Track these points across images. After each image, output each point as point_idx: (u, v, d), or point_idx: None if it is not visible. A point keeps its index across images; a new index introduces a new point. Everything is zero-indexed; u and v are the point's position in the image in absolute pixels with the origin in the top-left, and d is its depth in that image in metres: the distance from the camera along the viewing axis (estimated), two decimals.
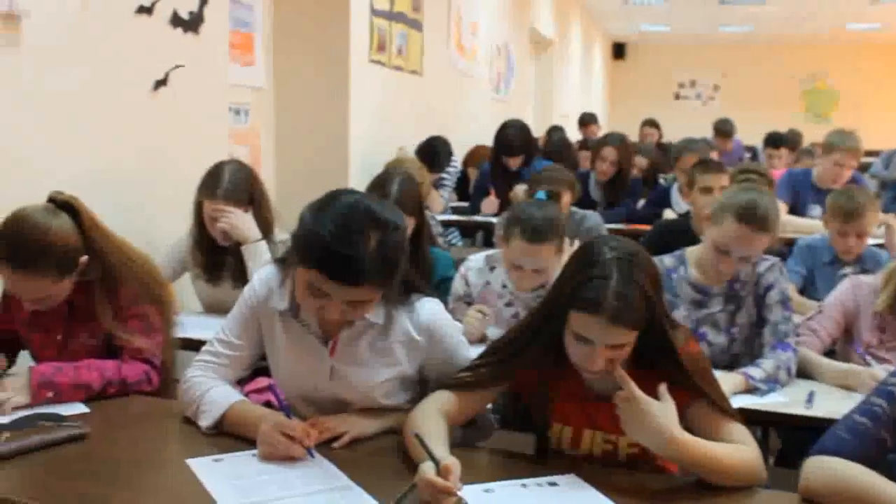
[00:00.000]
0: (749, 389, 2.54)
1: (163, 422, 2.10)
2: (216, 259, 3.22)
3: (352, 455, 1.87)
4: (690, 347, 1.90)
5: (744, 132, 11.01)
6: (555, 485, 1.76)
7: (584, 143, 7.90)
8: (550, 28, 11.36)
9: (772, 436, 3.36)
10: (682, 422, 1.78)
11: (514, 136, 5.50)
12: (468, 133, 7.40)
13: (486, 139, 5.94)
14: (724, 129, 8.80)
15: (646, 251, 1.86)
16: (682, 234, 3.76)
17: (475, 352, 2.05)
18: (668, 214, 5.42)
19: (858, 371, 2.63)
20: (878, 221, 3.70)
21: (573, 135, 9.61)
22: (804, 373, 2.71)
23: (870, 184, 6.16)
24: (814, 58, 16.97)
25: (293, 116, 5.01)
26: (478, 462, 1.89)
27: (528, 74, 10.77)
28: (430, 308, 2.02)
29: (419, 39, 6.37)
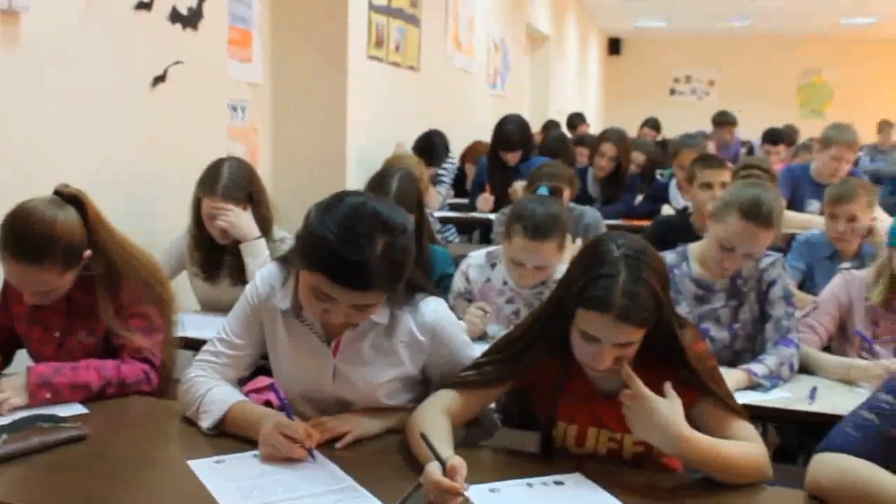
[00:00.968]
0: (752, 385, 2.54)
1: (163, 422, 2.08)
2: (214, 257, 3.20)
3: (355, 455, 1.85)
4: (697, 346, 1.89)
5: (740, 127, 11.02)
6: (561, 484, 1.74)
7: (581, 140, 7.88)
8: (546, 24, 11.35)
9: (770, 431, 3.37)
10: (689, 420, 1.76)
11: (513, 131, 5.48)
12: (465, 129, 7.38)
13: (484, 135, 5.92)
14: (725, 119, 8.71)
15: (653, 248, 1.85)
16: (682, 230, 3.76)
17: (479, 350, 2.04)
18: (666, 210, 5.41)
19: (861, 365, 2.64)
20: (872, 214, 3.69)
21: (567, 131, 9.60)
22: (806, 368, 2.71)
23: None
24: (809, 53, 16.96)
25: (291, 113, 4.98)
26: (482, 461, 1.88)
27: (525, 70, 10.76)
28: (434, 308, 2.00)
29: (417, 35, 6.35)
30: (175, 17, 3.70)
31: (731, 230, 2.61)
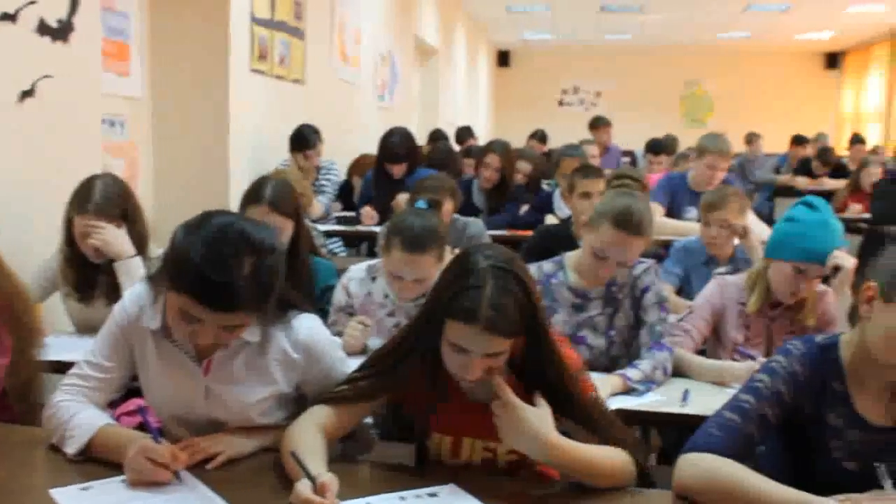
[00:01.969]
0: (627, 390, 2.60)
1: (25, 450, 1.99)
2: (88, 277, 3.10)
3: (228, 475, 1.82)
4: (567, 352, 1.92)
5: (625, 137, 11.32)
6: (434, 496, 1.75)
7: (468, 151, 7.95)
8: (435, 36, 11.42)
9: (653, 434, 3.46)
10: (560, 426, 1.79)
11: (398, 144, 5.49)
12: (353, 141, 7.37)
13: (372, 148, 5.91)
14: (599, 122, 9.19)
15: (521, 259, 1.87)
16: (564, 239, 3.82)
17: (355, 365, 2.03)
18: (552, 220, 5.50)
19: (732, 367, 2.72)
20: (745, 218, 3.84)
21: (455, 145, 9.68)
22: (680, 372, 2.78)
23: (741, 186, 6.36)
24: (690, 65, 17.59)
25: (172, 127, 4.89)
26: (358, 476, 1.87)
27: (413, 83, 10.80)
28: (308, 325, 1.99)
29: (301, 48, 6.31)
30: (43, 30, 3.57)
31: (604, 239, 2.67)
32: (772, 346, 2.86)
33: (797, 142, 10.84)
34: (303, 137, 5.72)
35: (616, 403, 2.48)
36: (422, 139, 9.08)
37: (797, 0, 12.36)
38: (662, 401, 2.56)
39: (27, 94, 3.49)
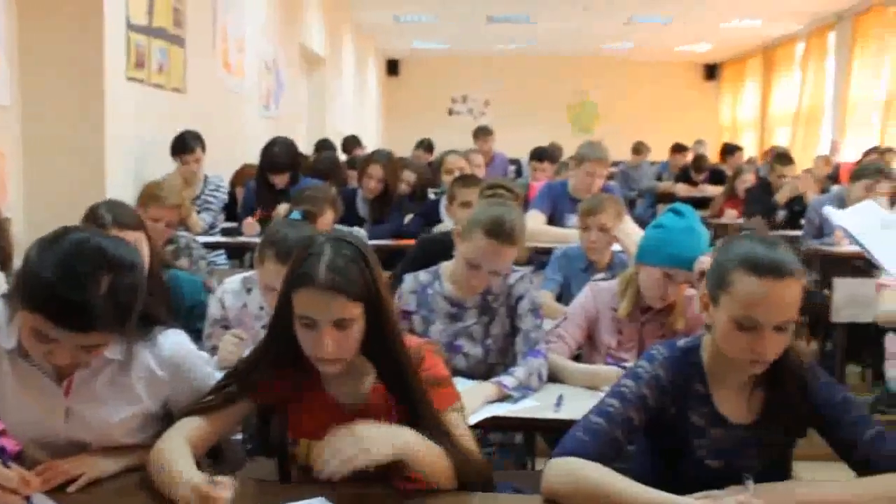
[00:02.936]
0: (503, 397, 2.62)
1: None
2: None
3: (89, 498, 1.77)
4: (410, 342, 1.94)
5: (514, 146, 11.47)
6: None
7: (352, 162, 7.93)
8: (321, 44, 11.34)
9: (538, 440, 3.50)
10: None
11: (280, 154, 5.44)
12: (238, 151, 7.25)
13: (255, 158, 5.83)
14: (480, 132, 9.40)
15: (362, 240, 1.89)
16: (446, 249, 3.84)
17: None
18: (443, 228, 5.52)
19: (605, 371, 2.78)
20: (621, 222, 3.94)
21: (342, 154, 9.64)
22: (554, 377, 2.82)
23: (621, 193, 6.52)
24: (577, 75, 17.97)
25: (43, 137, 4.71)
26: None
27: (300, 91, 10.70)
28: (174, 341, 1.95)
29: (181, 55, 6.17)
30: None
31: (476, 248, 2.70)
32: (644, 350, 2.93)
33: (677, 150, 11.17)
34: (183, 142, 5.61)
35: (491, 410, 2.51)
36: (309, 149, 9.01)
37: (677, 13, 12.79)
38: (537, 406, 2.60)
39: None
